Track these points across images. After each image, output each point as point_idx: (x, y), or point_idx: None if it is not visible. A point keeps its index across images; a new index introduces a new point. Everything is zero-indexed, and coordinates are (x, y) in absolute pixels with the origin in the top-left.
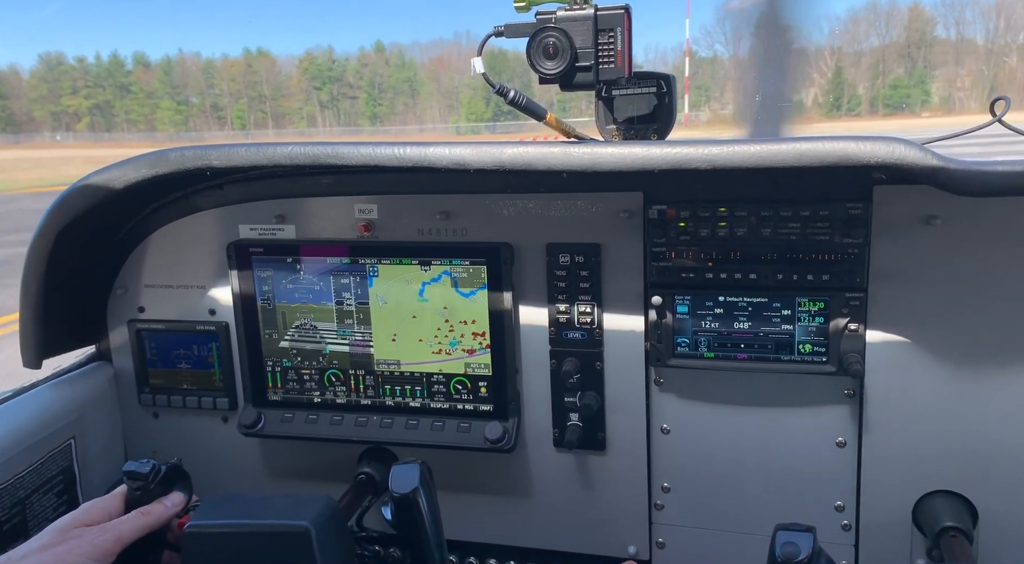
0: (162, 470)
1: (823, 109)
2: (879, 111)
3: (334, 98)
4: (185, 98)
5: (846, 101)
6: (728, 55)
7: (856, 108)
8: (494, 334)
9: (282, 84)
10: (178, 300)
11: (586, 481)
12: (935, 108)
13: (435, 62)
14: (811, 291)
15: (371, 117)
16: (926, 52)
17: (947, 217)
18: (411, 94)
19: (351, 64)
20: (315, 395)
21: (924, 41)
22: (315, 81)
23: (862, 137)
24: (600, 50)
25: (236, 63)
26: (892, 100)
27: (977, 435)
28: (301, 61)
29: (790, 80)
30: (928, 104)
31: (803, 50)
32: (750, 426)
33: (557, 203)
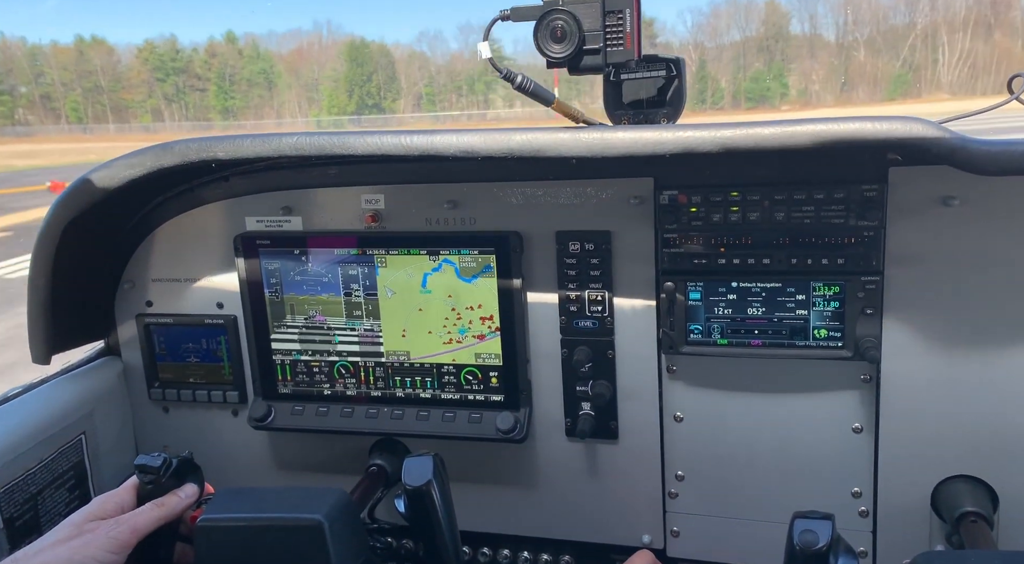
0: (173, 463)
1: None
2: (741, 104)
3: (180, 91)
4: (9, 87)
5: (710, 94)
6: None
7: (720, 101)
8: (504, 324)
9: (122, 75)
10: (186, 294)
11: (599, 470)
12: (793, 101)
13: (294, 53)
14: (826, 275)
15: (223, 110)
16: (783, 46)
17: (965, 197)
18: (267, 87)
19: (199, 55)
20: (325, 387)
21: (781, 35)
22: (158, 72)
23: (878, 117)
24: (608, 32)
25: (67, 50)
26: (753, 93)
27: (996, 419)
28: (141, 50)
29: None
30: (787, 97)
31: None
32: (765, 413)
33: (566, 190)
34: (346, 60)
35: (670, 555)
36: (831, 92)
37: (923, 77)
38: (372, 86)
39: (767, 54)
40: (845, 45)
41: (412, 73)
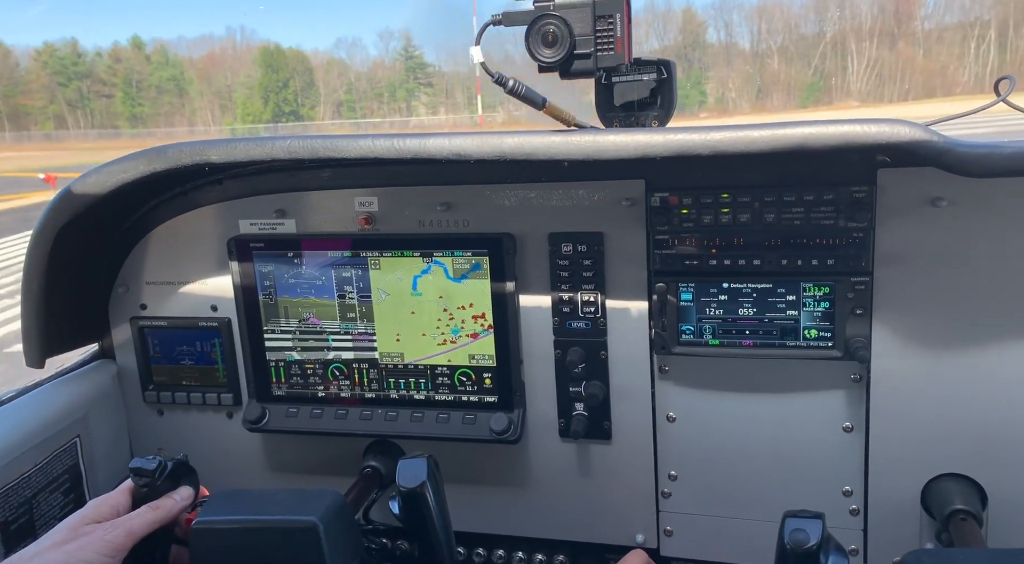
0: (168, 466)
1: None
2: None
3: (84, 96)
4: None
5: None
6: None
7: None
8: (498, 325)
9: (20, 79)
10: (180, 296)
11: (592, 470)
12: (711, 108)
13: (205, 59)
14: (816, 276)
15: (131, 118)
16: (700, 54)
17: (953, 199)
18: (178, 94)
19: (102, 60)
20: (319, 389)
21: (698, 44)
22: (59, 77)
23: (866, 120)
24: (599, 37)
25: None
26: None
27: (985, 417)
28: (40, 53)
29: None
30: (705, 104)
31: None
32: (756, 413)
33: (558, 192)
34: (261, 66)
35: (663, 554)
36: (747, 100)
37: (834, 85)
38: (288, 93)
39: (685, 62)
40: (759, 53)
41: (331, 80)
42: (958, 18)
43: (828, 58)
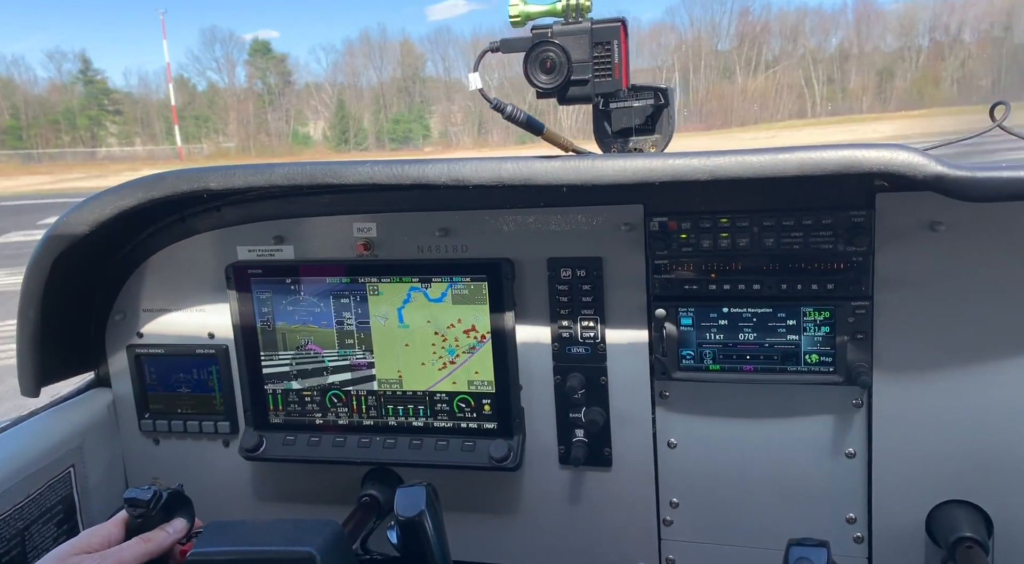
0: (163, 496)
1: (331, 143)
2: (386, 145)
3: None
4: None
5: (353, 135)
6: (225, 84)
7: (363, 142)
8: (497, 350)
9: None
10: (177, 324)
11: (593, 498)
12: (436, 142)
13: None
14: (816, 301)
15: None
16: (421, 87)
17: (952, 223)
18: None
19: None
20: (317, 417)
21: (417, 77)
22: None
23: (864, 145)
24: (596, 63)
25: None
26: (396, 134)
27: (989, 443)
28: None
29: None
30: (429, 138)
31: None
32: (758, 438)
33: (557, 217)
34: None
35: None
36: (469, 135)
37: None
38: None
39: (407, 95)
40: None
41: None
42: (648, 62)
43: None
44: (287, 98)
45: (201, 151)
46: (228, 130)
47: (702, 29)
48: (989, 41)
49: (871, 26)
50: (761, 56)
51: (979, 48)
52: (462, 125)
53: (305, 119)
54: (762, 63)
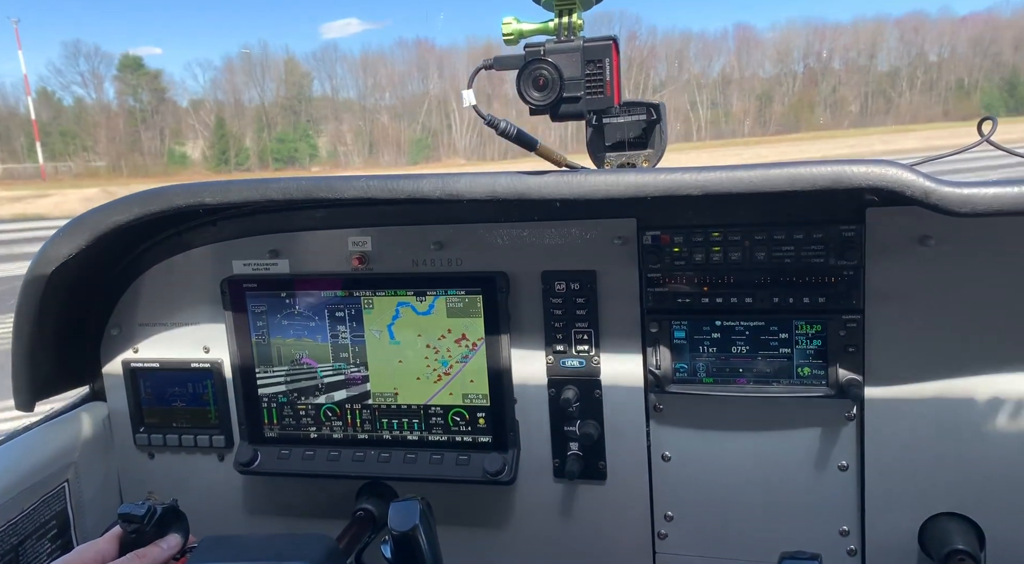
0: (157, 512)
1: (211, 163)
2: (269, 165)
3: None
4: None
5: (234, 154)
6: (93, 99)
7: (245, 161)
8: (491, 364)
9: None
10: (172, 338)
11: (588, 512)
12: (324, 162)
13: None
14: (808, 314)
15: None
16: (307, 106)
17: (941, 237)
18: None
19: None
20: (311, 431)
21: (303, 96)
22: None
23: (854, 161)
24: (589, 80)
25: None
26: (281, 154)
27: (981, 456)
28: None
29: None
30: (317, 158)
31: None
32: (752, 451)
33: (551, 231)
34: None
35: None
36: (360, 154)
37: (441, 141)
38: None
39: (293, 114)
40: (368, 108)
41: None
42: None
43: (434, 115)
44: (162, 116)
45: (69, 169)
46: (99, 148)
47: None
48: (856, 69)
49: (751, 52)
50: (649, 80)
51: (848, 75)
52: (352, 145)
53: (183, 137)
54: (650, 87)
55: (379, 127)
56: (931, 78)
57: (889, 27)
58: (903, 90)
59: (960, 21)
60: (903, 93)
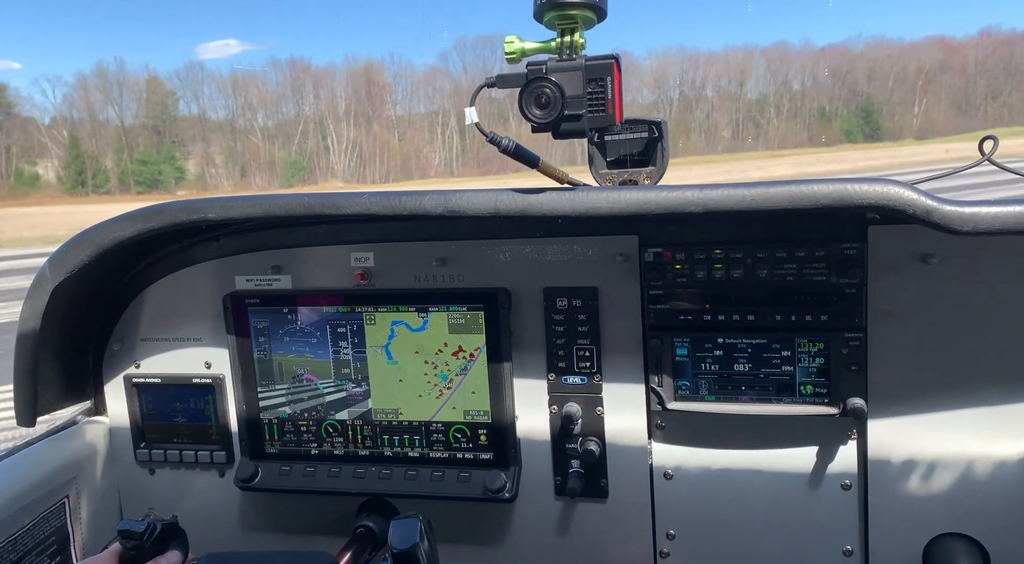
0: (157, 528)
1: (66, 184)
2: (131, 188)
3: None
4: None
5: (91, 177)
6: None
7: (105, 184)
8: (493, 380)
9: None
10: (174, 353)
11: (589, 530)
12: (191, 185)
13: None
14: (810, 332)
15: None
16: (172, 126)
17: (944, 255)
18: None
19: None
20: (312, 447)
21: (168, 115)
22: None
23: (855, 179)
24: (590, 98)
25: None
26: (143, 176)
27: (985, 475)
28: None
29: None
30: (183, 181)
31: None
32: (754, 469)
33: (553, 247)
34: None
35: None
36: (230, 177)
37: (318, 164)
38: None
39: (156, 135)
40: (240, 129)
41: None
42: (425, 106)
43: (310, 137)
44: (7, 132)
45: None
46: None
47: (475, 75)
48: (728, 96)
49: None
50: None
51: (720, 102)
52: (223, 167)
53: (33, 157)
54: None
55: (251, 148)
56: (796, 105)
57: (757, 56)
58: (771, 117)
59: (820, 52)
60: (771, 119)
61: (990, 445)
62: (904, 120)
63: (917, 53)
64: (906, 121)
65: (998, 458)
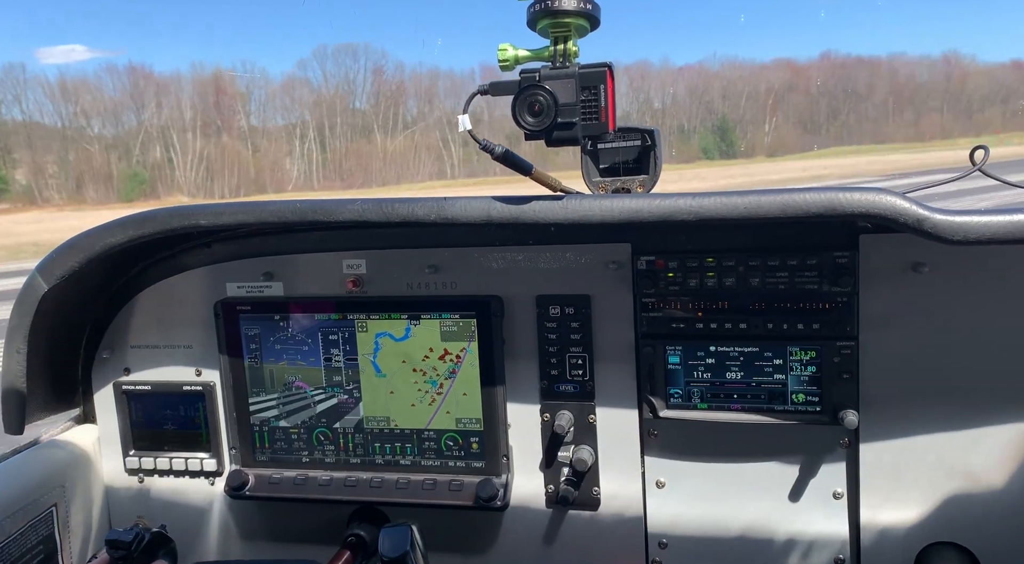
0: (146, 537)
1: None
2: None
3: None
4: None
5: None
6: None
7: None
8: (485, 388)
9: None
10: (164, 360)
11: (581, 538)
12: (17, 198)
13: None
14: (802, 340)
15: None
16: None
17: (935, 264)
18: None
19: None
20: (303, 455)
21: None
22: None
23: (846, 188)
24: (583, 106)
25: None
26: None
27: (976, 484)
28: None
29: None
30: (7, 193)
31: None
32: (746, 478)
33: (546, 255)
34: None
35: None
36: (64, 189)
37: (162, 176)
38: None
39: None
40: (71, 137)
41: None
42: (283, 117)
43: (154, 148)
44: None
45: None
46: None
47: (339, 85)
48: None
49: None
50: (399, 116)
51: None
52: (57, 176)
53: None
54: (400, 123)
55: (87, 158)
56: (657, 123)
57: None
58: None
59: (678, 71)
60: None
61: (981, 454)
62: (756, 137)
63: (767, 74)
64: (758, 139)
65: (989, 467)
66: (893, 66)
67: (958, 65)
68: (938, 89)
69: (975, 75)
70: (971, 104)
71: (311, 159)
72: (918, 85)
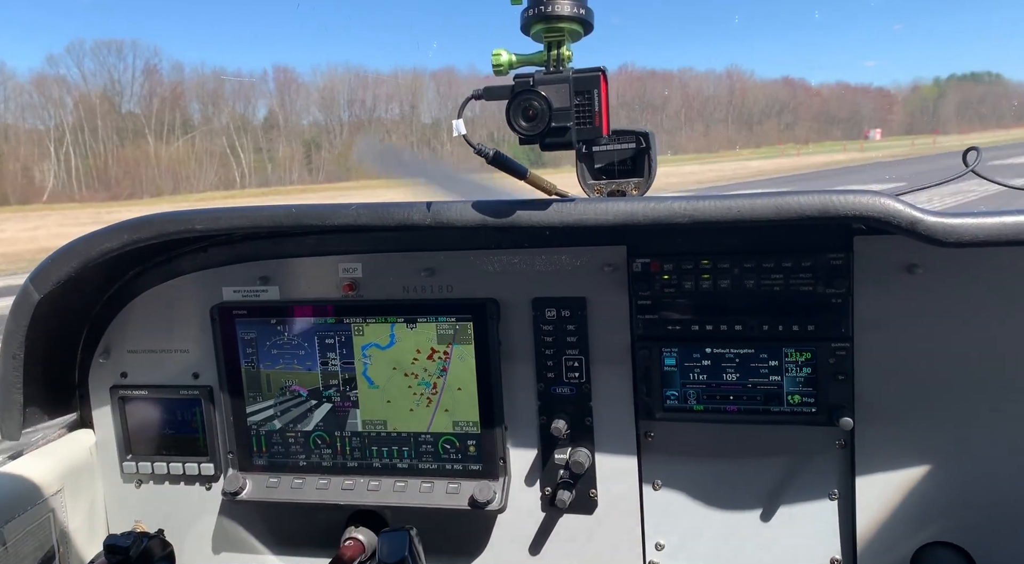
0: (143, 542)
1: None
2: None
3: None
4: None
5: None
6: None
7: None
8: (482, 391)
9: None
10: (161, 365)
11: (578, 541)
12: None
13: None
14: (797, 342)
15: None
16: None
17: (929, 266)
18: None
19: None
20: (301, 458)
21: None
22: None
23: (840, 190)
24: (577, 111)
25: None
26: None
27: (972, 484)
28: None
29: None
30: None
31: None
32: (742, 479)
33: (541, 258)
34: None
35: None
36: None
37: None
38: None
39: None
40: None
41: None
42: (32, 118)
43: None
44: None
45: None
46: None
47: (104, 85)
48: (401, 119)
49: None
50: (176, 120)
51: (394, 125)
52: None
53: None
54: (177, 127)
55: None
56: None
57: (427, 79)
58: (445, 141)
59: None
60: (444, 144)
61: (977, 454)
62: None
63: None
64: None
65: (985, 467)
66: (683, 79)
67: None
68: (723, 102)
69: (753, 89)
70: (752, 117)
71: (70, 167)
72: (706, 98)
